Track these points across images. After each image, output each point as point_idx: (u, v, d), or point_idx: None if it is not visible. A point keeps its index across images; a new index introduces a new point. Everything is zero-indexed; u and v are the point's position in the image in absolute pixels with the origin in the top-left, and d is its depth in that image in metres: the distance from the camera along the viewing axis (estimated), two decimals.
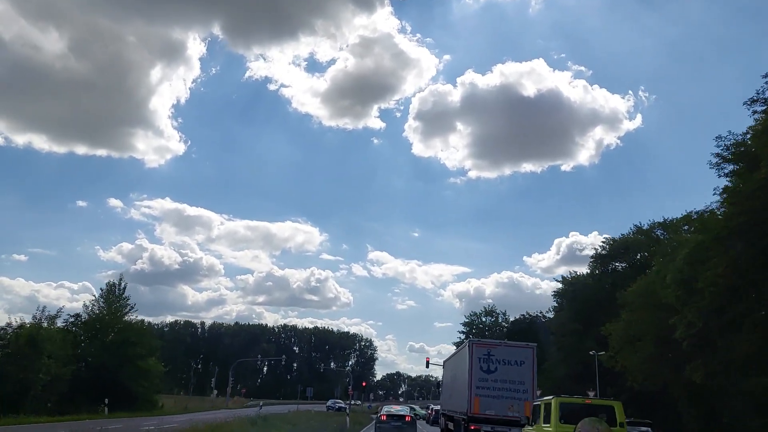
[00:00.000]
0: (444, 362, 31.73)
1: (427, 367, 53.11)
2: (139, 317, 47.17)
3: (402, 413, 27.40)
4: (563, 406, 12.81)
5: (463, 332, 69.64)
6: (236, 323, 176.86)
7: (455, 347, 73.13)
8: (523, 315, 67.90)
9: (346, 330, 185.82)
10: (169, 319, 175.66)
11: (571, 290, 54.61)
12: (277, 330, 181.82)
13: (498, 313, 68.73)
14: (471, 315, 70.12)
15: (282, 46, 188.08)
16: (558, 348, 53.18)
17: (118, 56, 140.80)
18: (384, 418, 26.90)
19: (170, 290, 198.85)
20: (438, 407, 45.78)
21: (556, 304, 59.17)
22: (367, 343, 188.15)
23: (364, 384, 57.70)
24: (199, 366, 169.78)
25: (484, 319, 68.99)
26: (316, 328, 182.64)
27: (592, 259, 55.29)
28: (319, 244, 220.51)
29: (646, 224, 50.23)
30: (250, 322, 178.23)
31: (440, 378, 36.99)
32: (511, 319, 67.07)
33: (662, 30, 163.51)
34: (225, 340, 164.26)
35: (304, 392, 68.11)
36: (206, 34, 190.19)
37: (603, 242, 54.00)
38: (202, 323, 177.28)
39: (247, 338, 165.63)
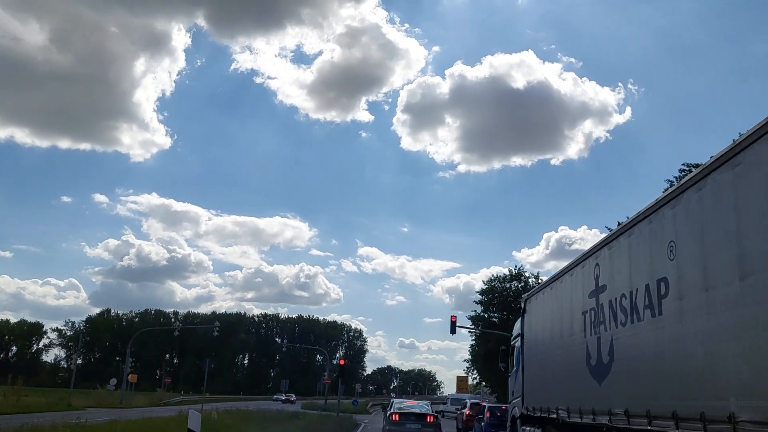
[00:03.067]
0: (544, 287, 13.09)
1: (453, 332, 35.93)
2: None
3: (421, 411, 21.40)
4: None
5: (479, 303, 54.28)
6: (213, 312, 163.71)
7: (471, 325, 58.00)
8: None
9: (332, 320, 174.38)
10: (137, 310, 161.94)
11: None
12: (257, 320, 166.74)
13: (528, 276, 53.79)
14: (491, 280, 54.85)
15: (268, 36, 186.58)
16: None
17: (101, 48, 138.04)
18: (396, 418, 20.79)
19: (158, 287, 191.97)
20: (486, 403, 29.32)
21: None
22: (356, 334, 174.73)
23: (342, 362, 39.83)
24: (175, 359, 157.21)
25: (508, 285, 53.86)
26: (300, 317, 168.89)
27: (673, 182, 39.67)
28: (309, 240, 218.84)
29: None
30: (227, 311, 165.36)
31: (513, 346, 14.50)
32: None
33: (652, 21, 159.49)
34: (198, 330, 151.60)
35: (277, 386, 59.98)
36: (190, 24, 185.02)
37: (682, 169, 38.73)
38: (176, 312, 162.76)
39: (223, 328, 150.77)
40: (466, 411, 31.20)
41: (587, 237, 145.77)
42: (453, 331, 35.37)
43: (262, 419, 24.48)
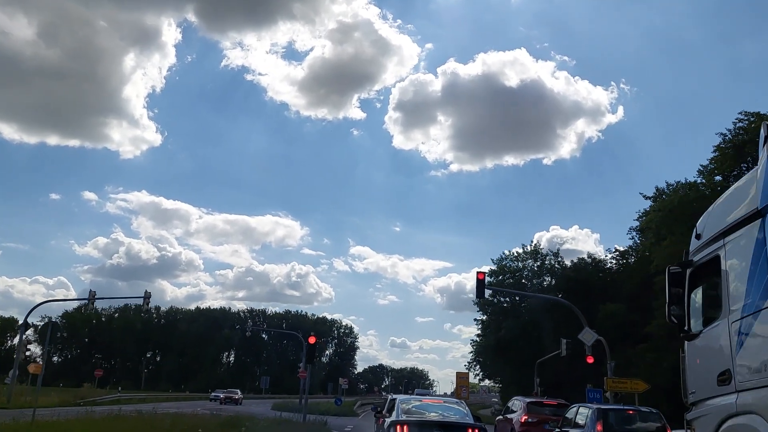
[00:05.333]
0: None
1: (480, 295, 27.66)
2: None
3: (447, 417, 11.83)
4: None
5: (489, 286, 47.61)
6: (196, 308, 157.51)
7: (478, 310, 50.98)
8: (582, 259, 45.83)
9: (322, 316, 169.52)
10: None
11: (676, 208, 33.00)
12: (243, 315, 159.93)
13: (546, 254, 47.33)
14: (502, 259, 48.36)
15: (259, 32, 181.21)
16: None
17: (90, 43, 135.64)
18: (403, 431, 11.06)
19: (148, 285, 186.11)
20: (594, 404, 16.16)
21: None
22: (347, 330, 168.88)
23: (312, 340, 27.31)
24: (158, 356, 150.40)
25: (521, 265, 47.51)
26: (287, 312, 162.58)
27: (716, 151, 33.52)
28: (300, 239, 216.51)
29: None
30: (211, 306, 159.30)
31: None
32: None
33: (645, 21, 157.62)
34: (181, 326, 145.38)
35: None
36: (180, 19, 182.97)
37: (740, 118, 32.23)
38: (158, 308, 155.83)
39: (207, 324, 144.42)
40: (522, 417, 19.38)
41: (578, 237, 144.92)
42: (480, 294, 27.48)
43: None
